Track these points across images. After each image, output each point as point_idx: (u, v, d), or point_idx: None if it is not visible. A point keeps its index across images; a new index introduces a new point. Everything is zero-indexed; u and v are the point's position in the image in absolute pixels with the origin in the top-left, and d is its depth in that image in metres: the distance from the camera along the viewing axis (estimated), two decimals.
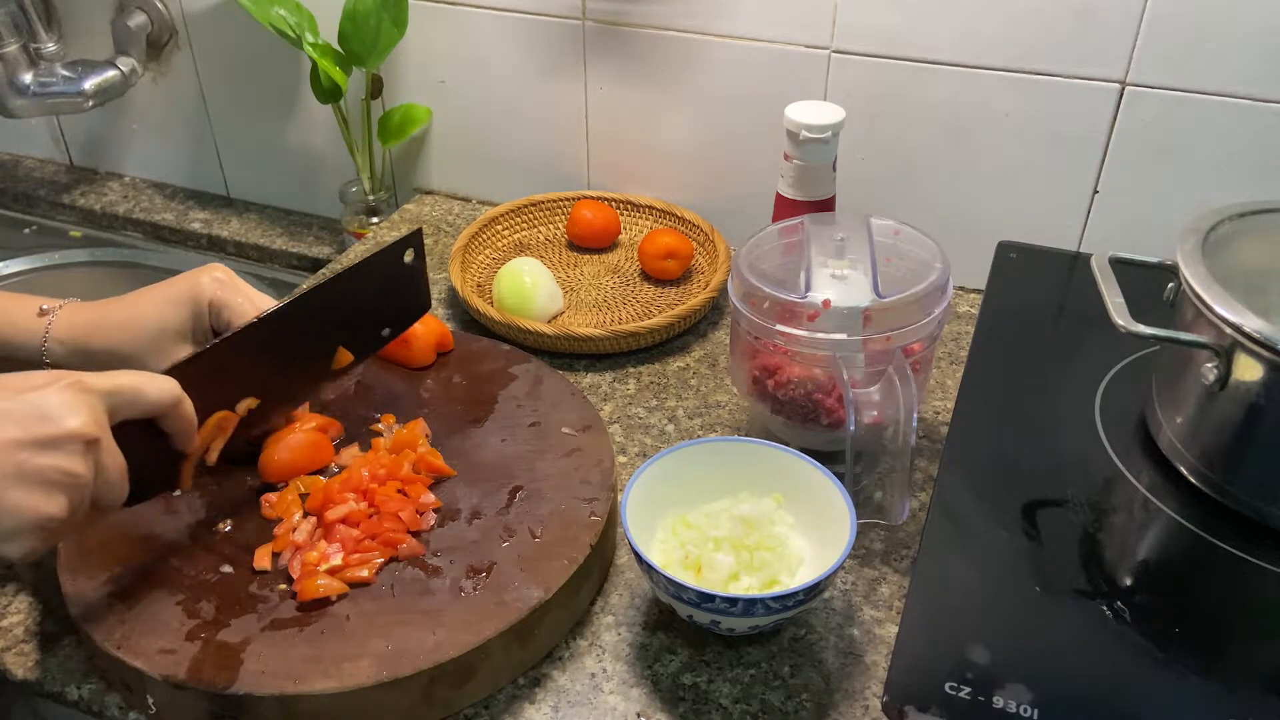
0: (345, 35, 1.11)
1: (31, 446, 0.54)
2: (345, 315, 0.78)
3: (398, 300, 0.82)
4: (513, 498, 0.74)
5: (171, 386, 0.62)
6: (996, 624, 0.61)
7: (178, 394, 0.62)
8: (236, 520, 0.72)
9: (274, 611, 0.65)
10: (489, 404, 0.83)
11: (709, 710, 0.65)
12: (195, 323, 0.74)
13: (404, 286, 0.82)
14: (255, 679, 0.61)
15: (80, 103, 1.25)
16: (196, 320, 0.74)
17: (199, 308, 0.73)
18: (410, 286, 0.82)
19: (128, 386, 0.60)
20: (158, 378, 0.62)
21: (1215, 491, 0.69)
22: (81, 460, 0.56)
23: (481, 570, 0.68)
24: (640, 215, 1.16)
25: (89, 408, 0.56)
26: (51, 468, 0.54)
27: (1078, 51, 0.93)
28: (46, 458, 0.54)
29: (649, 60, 1.09)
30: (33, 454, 0.54)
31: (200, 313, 0.74)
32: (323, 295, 0.75)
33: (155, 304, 0.74)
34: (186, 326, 0.74)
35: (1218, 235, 0.71)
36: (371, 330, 0.81)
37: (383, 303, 0.81)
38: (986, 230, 1.00)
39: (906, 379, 0.71)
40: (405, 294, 0.82)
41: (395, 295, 0.81)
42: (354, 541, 0.69)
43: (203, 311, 0.74)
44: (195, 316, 0.74)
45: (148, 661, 0.62)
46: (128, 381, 0.60)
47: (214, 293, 0.73)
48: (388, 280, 0.80)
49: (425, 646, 0.63)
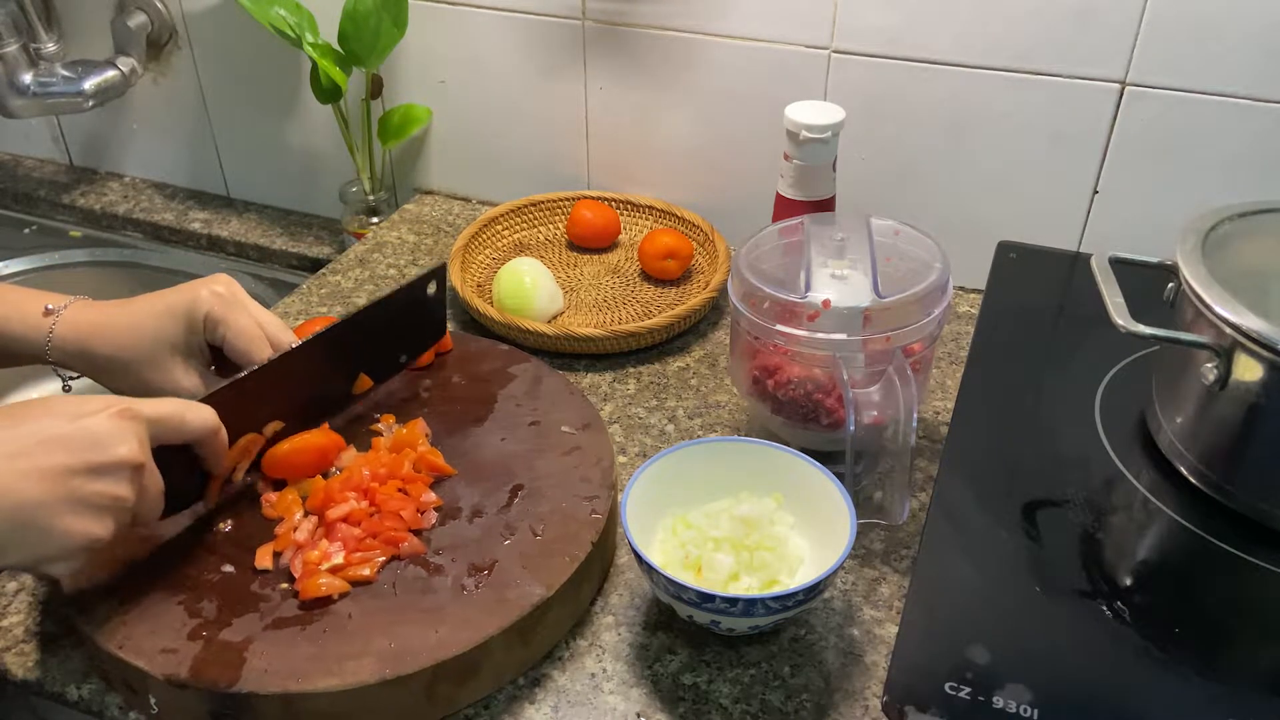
0: (345, 35, 1.11)
1: (85, 473, 0.57)
2: (368, 343, 0.81)
3: (417, 329, 0.85)
4: (513, 496, 0.74)
5: (210, 416, 0.66)
6: (996, 624, 0.61)
7: (216, 424, 0.66)
8: (237, 520, 0.72)
9: (276, 610, 0.65)
10: (488, 403, 0.83)
11: (709, 710, 0.65)
12: (189, 336, 0.74)
13: (424, 316, 0.85)
14: (258, 678, 0.61)
15: (80, 103, 1.25)
16: (191, 333, 0.74)
17: (194, 321, 0.73)
18: (430, 316, 0.86)
19: (173, 415, 0.63)
20: (198, 406, 0.65)
21: (1215, 491, 0.69)
22: (128, 485, 0.59)
23: (483, 568, 0.68)
24: (640, 215, 1.16)
25: (136, 435, 0.59)
26: (102, 493, 0.57)
27: (1078, 51, 0.93)
28: (98, 484, 0.57)
29: (649, 60, 1.09)
30: (85, 480, 0.56)
31: (195, 326, 0.73)
32: (351, 326, 0.78)
33: (154, 314, 0.74)
34: (180, 339, 0.74)
35: (1218, 235, 0.71)
36: (391, 356, 0.84)
37: (403, 331, 0.84)
38: (986, 230, 1.00)
39: (906, 379, 0.71)
40: (425, 323, 0.86)
41: (415, 324, 0.85)
42: (355, 540, 0.69)
43: (198, 325, 0.73)
44: (190, 330, 0.74)
45: (150, 661, 0.62)
46: (172, 410, 0.63)
47: (211, 307, 0.73)
48: (411, 311, 0.83)
49: (428, 644, 0.63)
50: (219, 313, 0.73)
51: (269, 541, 0.70)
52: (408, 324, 0.84)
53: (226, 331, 0.73)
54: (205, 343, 0.74)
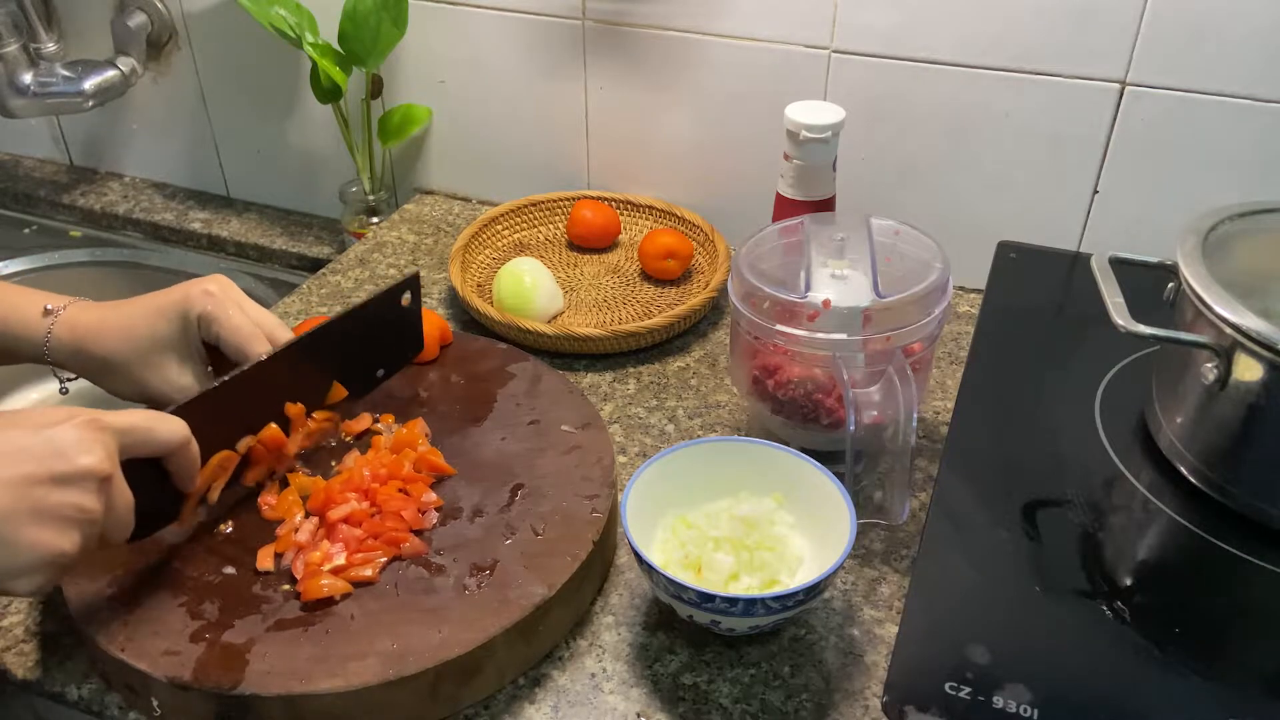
0: (345, 35, 1.11)
1: (48, 483, 0.54)
2: (342, 355, 0.79)
3: (394, 341, 0.84)
4: (514, 496, 0.74)
5: (180, 428, 0.63)
6: (996, 624, 0.61)
7: (186, 435, 0.64)
8: (237, 522, 0.72)
9: (278, 612, 0.65)
10: (488, 403, 0.83)
11: (709, 710, 0.65)
12: (184, 335, 0.73)
13: (400, 328, 0.84)
14: (261, 679, 0.61)
15: (80, 103, 1.25)
16: (185, 333, 0.73)
17: (188, 321, 0.73)
18: (406, 329, 0.84)
19: (140, 427, 0.61)
20: (168, 418, 0.63)
21: (1215, 491, 0.69)
22: (95, 496, 0.56)
23: (485, 568, 0.68)
24: (640, 215, 1.16)
25: (103, 445, 0.57)
26: (66, 504, 0.55)
27: (1078, 51, 0.93)
28: (61, 494, 0.55)
29: (649, 60, 1.09)
30: (49, 490, 0.54)
31: (189, 325, 0.73)
32: (323, 336, 0.76)
33: (148, 314, 0.74)
34: (175, 339, 0.73)
35: (1218, 235, 0.71)
36: (368, 369, 0.82)
37: (379, 343, 0.82)
38: (986, 230, 1.00)
39: (906, 379, 0.71)
40: (402, 336, 0.84)
41: (391, 337, 0.83)
42: (357, 541, 0.69)
43: (191, 324, 0.73)
44: (184, 329, 0.73)
45: (152, 664, 0.62)
46: (140, 421, 0.61)
47: (204, 306, 0.73)
48: (384, 322, 0.82)
49: (431, 644, 0.63)
50: (212, 311, 0.73)
51: (270, 543, 0.70)
52: (383, 336, 0.82)
53: (221, 330, 0.73)
54: (201, 343, 0.74)
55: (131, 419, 0.60)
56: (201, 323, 0.73)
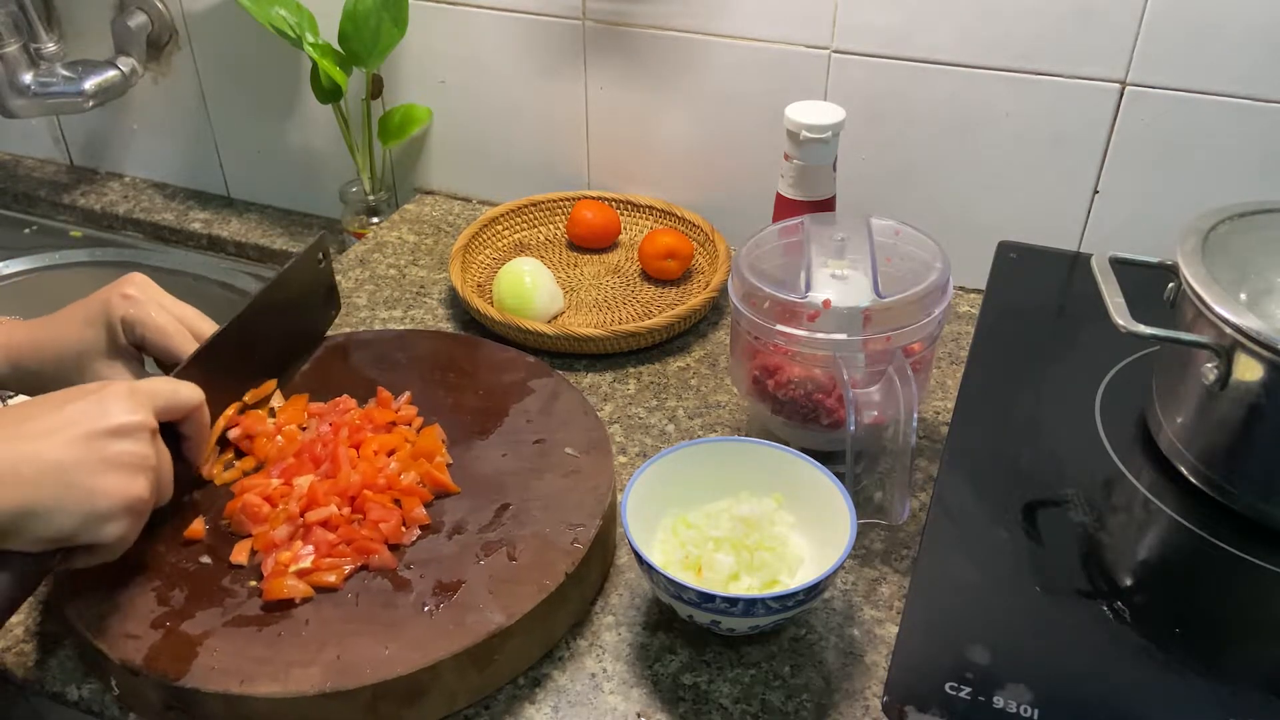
0: (345, 35, 1.11)
1: (108, 436, 0.60)
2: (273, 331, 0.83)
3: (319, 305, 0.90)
4: (499, 515, 0.72)
5: (196, 392, 0.69)
6: (996, 624, 0.61)
7: (202, 398, 0.69)
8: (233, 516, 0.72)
9: (239, 608, 0.65)
10: (499, 417, 0.81)
11: (709, 710, 0.65)
12: (111, 342, 0.75)
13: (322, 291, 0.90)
14: (205, 674, 0.61)
15: (80, 103, 1.25)
16: (112, 339, 0.75)
17: (113, 327, 0.74)
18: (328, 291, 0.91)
19: (166, 390, 0.66)
20: (184, 383, 0.68)
21: (1215, 491, 0.69)
22: (150, 446, 0.62)
23: (450, 588, 0.66)
24: (640, 215, 1.16)
25: (143, 405, 0.63)
26: (128, 453, 0.60)
27: (1078, 51, 0.93)
28: (120, 444, 0.60)
29: (649, 60, 1.09)
30: (110, 441, 0.60)
31: (115, 331, 0.74)
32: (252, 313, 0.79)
33: (75, 326, 0.75)
34: (104, 345, 0.75)
35: (1218, 235, 0.71)
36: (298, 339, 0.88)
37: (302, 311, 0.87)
38: (986, 230, 1.00)
39: (906, 379, 0.71)
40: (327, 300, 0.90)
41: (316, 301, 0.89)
42: (328, 545, 0.68)
43: (117, 330, 0.74)
44: (110, 335, 0.75)
45: (110, 645, 0.62)
46: (164, 386, 0.67)
47: (124, 310, 0.74)
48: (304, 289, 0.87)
49: (374, 661, 0.61)
50: (133, 314, 0.74)
51: (248, 539, 0.70)
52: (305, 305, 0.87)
53: (145, 331, 0.74)
54: (131, 345, 0.76)
55: (157, 385, 0.66)
56: (125, 326, 0.74)
